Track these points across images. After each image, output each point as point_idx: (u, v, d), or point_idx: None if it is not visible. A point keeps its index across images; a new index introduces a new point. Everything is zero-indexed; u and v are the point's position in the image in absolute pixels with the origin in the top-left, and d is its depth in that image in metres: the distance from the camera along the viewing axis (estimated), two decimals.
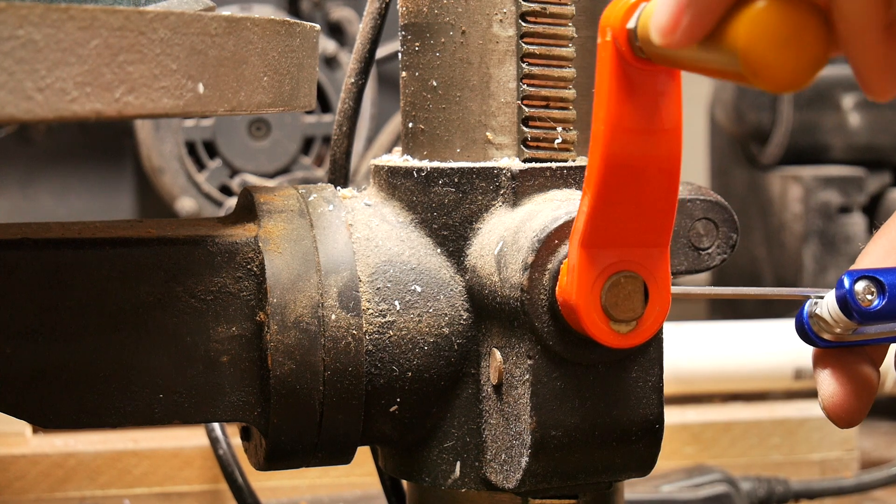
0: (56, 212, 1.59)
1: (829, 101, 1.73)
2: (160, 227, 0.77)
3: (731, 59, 0.51)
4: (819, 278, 1.66)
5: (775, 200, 1.73)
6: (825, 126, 1.74)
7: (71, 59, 0.56)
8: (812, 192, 1.66)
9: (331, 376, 0.75)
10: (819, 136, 1.74)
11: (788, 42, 0.50)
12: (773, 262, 1.75)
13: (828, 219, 1.66)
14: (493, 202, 0.76)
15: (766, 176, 1.76)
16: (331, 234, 0.77)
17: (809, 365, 1.38)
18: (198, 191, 1.47)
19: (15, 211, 1.59)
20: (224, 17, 0.65)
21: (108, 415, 0.75)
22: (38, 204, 1.59)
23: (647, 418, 0.73)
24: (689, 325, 1.38)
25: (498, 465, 0.75)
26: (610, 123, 0.62)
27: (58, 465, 1.18)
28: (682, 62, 0.56)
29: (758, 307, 1.80)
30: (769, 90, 0.51)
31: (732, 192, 1.87)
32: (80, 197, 1.60)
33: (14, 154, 1.59)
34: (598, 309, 0.67)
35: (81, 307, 0.74)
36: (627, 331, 0.68)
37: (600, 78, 0.62)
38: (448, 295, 0.77)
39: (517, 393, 0.73)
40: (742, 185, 1.85)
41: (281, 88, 0.72)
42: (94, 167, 1.60)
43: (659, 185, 0.65)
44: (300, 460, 0.78)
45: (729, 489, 1.20)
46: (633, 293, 0.68)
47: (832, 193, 1.66)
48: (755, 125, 1.77)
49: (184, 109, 0.62)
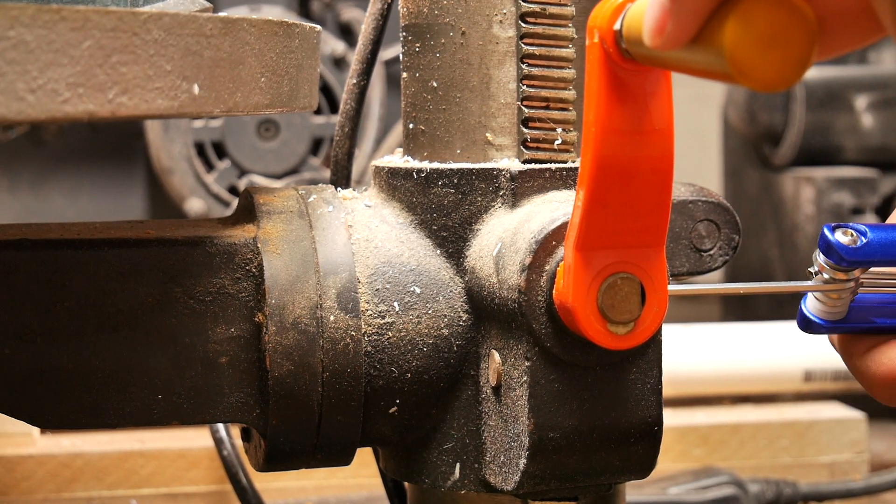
0: (67, 212, 1.60)
1: (842, 102, 1.72)
2: (159, 228, 0.77)
3: (717, 58, 0.51)
4: None
5: (788, 201, 1.73)
6: (838, 127, 1.73)
7: (63, 60, 0.56)
8: (824, 194, 1.66)
9: (329, 377, 0.75)
10: (832, 138, 1.73)
11: (774, 41, 0.50)
12: (785, 263, 1.75)
13: (840, 220, 1.65)
14: (493, 203, 0.76)
15: (779, 177, 1.76)
16: (330, 235, 0.77)
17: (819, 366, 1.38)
18: (206, 191, 1.47)
19: (27, 211, 1.60)
20: (220, 18, 0.65)
21: (107, 415, 0.75)
22: (50, 204, 1.60)
23: (646, 420, 0.73)
24: (699, 326, 1.38)
25: (497, 466, 0.75)
26: (600, 125, 0.62)
27: (65, 465, 1.19)
28: (669, 63, 0.56)
29: (770, 308, 1.79)
30: (756, 89, 0.50)
31: (745, 193, 1.87)
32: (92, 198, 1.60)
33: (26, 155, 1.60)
34: (594, 311, 0.67)
35: (80, 308, 0.74)
36: (625, 332, 0.68)
37: (589, 80, 0.62)
38: (447, 296, 0.77)
39: (515, 394, 0.72)
40: (755, 187, 1.84)
41: (279, 89, 0.72)
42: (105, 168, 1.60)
43: (652, 186, 0.65)
44: (300, 461, 0.78)
45: (736, 491, 1.20)
46: (630, 295, 0.67)
47: (845, 195, 1.66)
48: (768, 126, 1.76)
49: (179, 110, 0.62)
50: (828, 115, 1.73)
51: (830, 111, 1.72)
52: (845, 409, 1.34)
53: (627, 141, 0.63)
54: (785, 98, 1.74)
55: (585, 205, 0.65)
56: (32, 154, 1.59)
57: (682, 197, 0.79)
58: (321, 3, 1.58)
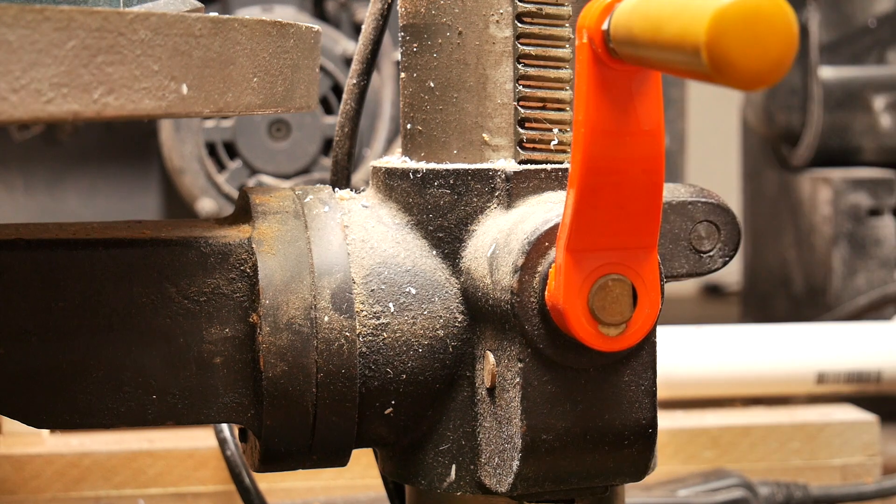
0: (83, 212, 1.60)
1: (860, 103, 1.71)
2: (155, 228, 0.77)
3: (696, 58, 0.50)
4: (848, 281, 1.64)
5: (805, 202, 1.72)
6: (856, 128, 1.72)
7: (47, 60, 0.56)
8: (841, 195, 1.65)
9: (323, 378, 0.74)
10: (850, 138, 1.72)
11: (754, 40, 0.49)
12: (802, 265, 1.74)
13: (857, 221, 1.64)
14: (488, 204, 0.76)
15: (797, 178, 1.75)
16: (325, 235, 0.76)
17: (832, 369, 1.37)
18: (218, 192, 1.48)
19: (42, 211, 1.60)
20: (210, 18, 0.65)
21: (101, 415, 0.75)
22: (65, 204, 1.60)
23: (640, 422, 0.73)
24: (711, 328, 1.37)
25: (492, 468, 0.75)
26: (589, 125, 0.62)
27: (73, 464, 1.19)
28: (653, 62, 0.56)
29: (789, 309, 1.78)
30: (735, 88, 0.50)
31: (764, 193, 1.86)
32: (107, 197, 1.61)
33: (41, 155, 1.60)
34: (585, 312, 0.67)
35: (74, 308, 0.74)
36: (617, 334, 0.68)
37: (579, 80, 0.62)
38: (443, 297, 0.76)
39: (509, 396, 0.72)
40: (773, 187, 1.83)
41: (273, 90, 0.72)
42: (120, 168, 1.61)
43: (642, 187, 0.64)
44: (295, 462, 0.78)
45: (746, 494, 1.19)
46: (621, 296, 0.67)
47: (862, 196, 1.64)
48: (785, 127, 1.75)
49: (166, 110, 0.62)
50: (845, 116, 1.71)
51: (848, 112, 1.71)
52: (858, 412, 1.33)
53: (616, 142, 0.62)
54: (803, 98, 1.73)
55: (575, 206, 0.65)
56: (47, 154, 1.59)
57: (681, 198, 0.79)
58: (336, 2, 1.58)
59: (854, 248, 1.65)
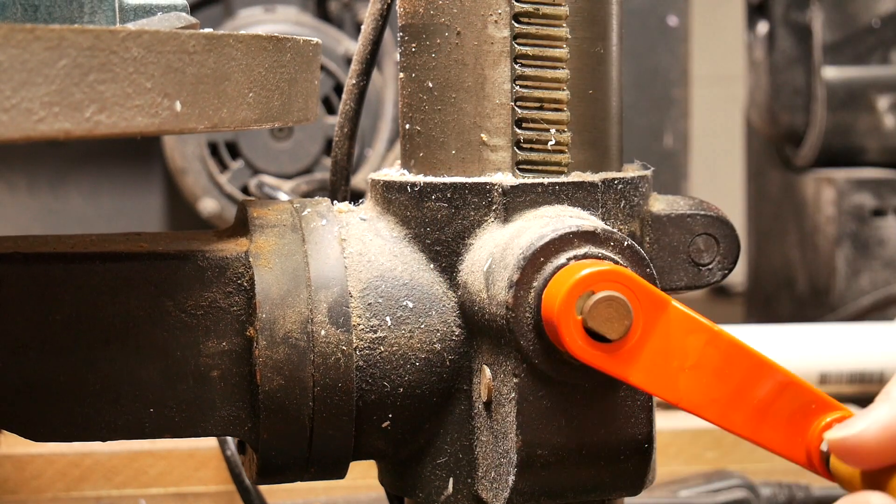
0: (86, 212, 1.60)
1: (864, 103, 1.71)
2: (153, 241, 0.77)
3: None
4: (851, 281, 1.64)
5: (809, 203, 1.71)
6: (860, 128, 1.71)
7: (38, 79, 0.56)
8: (845, 195, 1.64)
9: (320, 392, 0.74)
10: (853, 139, 1.72)
11: None
12: (806, 265, 1.73)
13: (861, 221, 1.64)
14: (486, 218, 0.76)
15: (800, 178, 1.74)
16: (323, 249, 0.76)
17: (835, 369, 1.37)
18: (220, 192, 1.48)
19: (46, 212, 1.60)
20: (203, 35, 0.65)
21: (98, 429, 0.75)
22: (68, 204, 1.60)
23: (636, 438, 0.73)
24: None
25: (488, 482, 0.75)
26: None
27: (74, 464, 1.19)
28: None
29: (793, 310, 1.78)
30: None
31: (767, 194, 1.85)
32: (110, 197, 1.61)
33: (45, 155, 1.60)
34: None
35: (71, 321, 0.74)
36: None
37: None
38: (440, 311, 0.76)
39: (504, 411, 0.72)
40: (777, 188, 1.83)
41: (269, 104, 0.71)
42: (123, 168, 1.61)
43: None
44: (292, 475, 0.78)
45: (748, 495, 1.19)
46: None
47: (865, 196, 1.64)
48: (789, 127, 1.75)
49: (160, 127, 0.62)
50: (849, 116, 1.71)
51: (852, 112, 1.71)
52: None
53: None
54: (806, 99, 1.72)
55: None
56: (51, 155, 1.59)
57: (680, 210, 0.79)
58: (339, 2, 1.57)
59: (858, 249, 1.64)
